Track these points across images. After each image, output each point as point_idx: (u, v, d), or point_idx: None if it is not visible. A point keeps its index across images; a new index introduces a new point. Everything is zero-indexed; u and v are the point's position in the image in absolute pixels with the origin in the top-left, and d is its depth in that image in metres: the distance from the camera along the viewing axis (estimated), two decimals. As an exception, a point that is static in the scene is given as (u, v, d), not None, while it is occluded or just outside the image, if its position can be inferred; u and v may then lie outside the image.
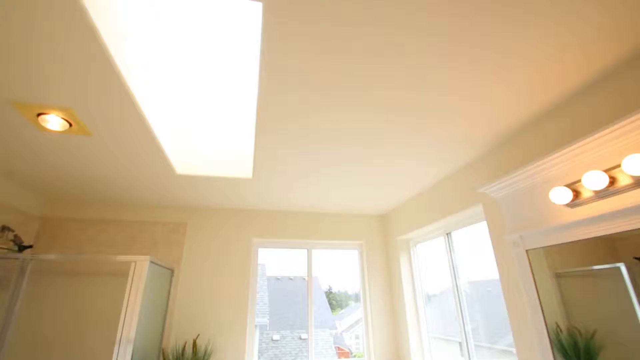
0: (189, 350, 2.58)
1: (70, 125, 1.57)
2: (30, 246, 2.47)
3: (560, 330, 1.46)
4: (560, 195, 1.37)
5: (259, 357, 3.61)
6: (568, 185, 1.38)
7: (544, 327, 1.50)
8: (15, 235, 2.35)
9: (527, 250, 1.62)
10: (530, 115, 1.65)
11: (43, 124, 1.54)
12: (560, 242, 1.45)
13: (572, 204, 1.38)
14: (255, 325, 2.99)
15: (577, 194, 1.35)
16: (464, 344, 2.28)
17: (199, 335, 2.69)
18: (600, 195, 1.28)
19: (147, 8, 1.29)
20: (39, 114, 1.49)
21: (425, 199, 2.69)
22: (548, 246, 1.52)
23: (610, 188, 1.24)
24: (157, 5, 1.30)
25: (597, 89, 1.43)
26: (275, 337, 5.15)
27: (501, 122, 1.70)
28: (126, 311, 1.98)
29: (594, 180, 1.23)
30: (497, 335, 2.25)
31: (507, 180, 1.66)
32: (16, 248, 2.35)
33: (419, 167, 2.29)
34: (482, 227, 2.25)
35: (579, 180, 1.35)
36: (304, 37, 1.16)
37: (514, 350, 2.16)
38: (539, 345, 1.52)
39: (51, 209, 2.83)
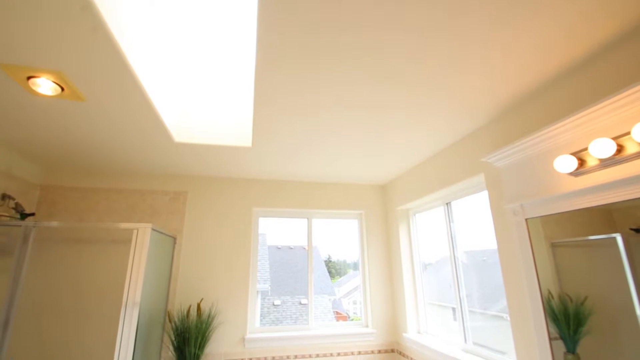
0: (193, 313, 2.69)
1: (63, 89, 1.52)
2: (33, 214, 2.49)
3: (552, 297, 1.51)
4: (565, 164, 1.35)
5: (261, 320, 3.79)
6: (574, 154, 1.36)
7: (539, 294, 1.54)
8: (17, 203, 2.37)
9: (526, 219, 1.63)
10: (535, 84, 1.61)
11: (34, 87, 1.49)
12: (560, 211, 1.45)
13: (575, 173, 1.37)
14: (257, 291, 3.10)
15: (581, 162, 1.34)
16: (458, 310, 2.37)
17: (202, 299, 2.79)
18: (604, 164, 1.27)
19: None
20: (29, 77, 1.44)
21: (426, 168, 2.68)
22: (547, 215, 1.53)
23: (617, 156, 1.22)
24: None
25: (606, 57, 1.39)
26: (277, 302, 5.36)
27: (504, 91, 1.67)
28: (130, 277, 2.04)
29: (601, 148, 1.21)
30: (489, 302, 2.34)
31: (512, 148, 1.64)
32: (18, 216, 2.37)
33: (420, 138, 2.26)
34: (482, 197, 2.26)
35: (585, 149, 1.32)
36: (304, 7, 1.12)
37: (504, 315, 2.25)
38: (532, 311, 1.58)
39: (51, 178, 2.83)
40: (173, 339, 2.52)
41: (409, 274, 3.02)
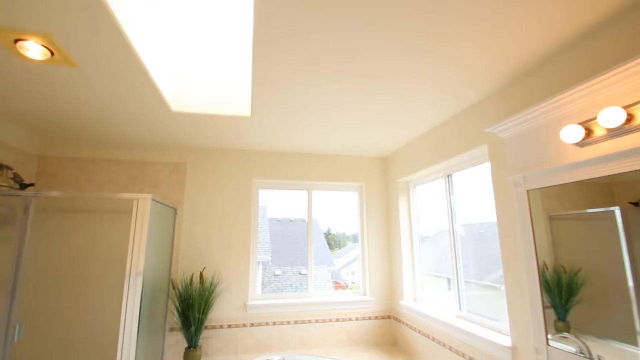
0: (196, 281, 2.76)
1: (52, 53, 1.46)
2: (32, 184, 2.49)
3: (546, 268, 1.55)
4: (572, 133, 1.33)
5: (262, 289, 3.92)
6: (581, 123, 1.34)
7: (535, 264, 1.58)
8: (15, 174, 2.36)
9: (527, 191, 1.63)
10: (539, 55, 1.57)
11: (22, 51, 1.43)
12: (563, 182, 1.45)
13: (581, 143, 1.35)
14: (258, 262, 3.17)
15: (589, 132, 1.31)
16: (454, 280, 2.43)
17: (204, 268, 2.86)
18: (612, 134, 1.24)
19: None
20: (16, 40, 1.37)
21: (428, 140, 2.65)
22: (549, 187, 1.53)
23: (626, 126, 1.19)
24: None
25: (614, 26, 1.34)
26: (277, 272, 5.52)
27: (507, 62, 1.63)
28: (133, 247, 2.07)
29: (611, 117, 1.18)
30: (484, 273, 2.40)
31: (518, 118, 1.61)
32: (17, 186, 2.37)
33: (422, 109, 2.21)
34: (483, 169, 2.25)
35: (594, 118, 1.29)
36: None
37: (497, 285, 2.32)
38: (527, 281, 1.61)
39: (48, 148, 2.80)
40: (177, 305, 2.61)
41: (407, 246, 3.08)
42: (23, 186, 2.40)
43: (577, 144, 1.37)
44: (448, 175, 2.59)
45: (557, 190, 1.51)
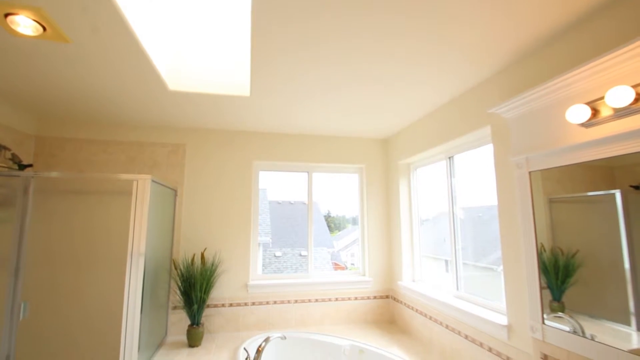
0: (197, 261, 2.80)
1: (45, 29, 1.42)
2: (30, 165, 2.48)
3: (544, 250, 1.57)
4: (578, 113, 1.31)
5: (263, 270, 3.98)
6: (588, 103, 1.31)
7: (535, 247, 1.59)
8: (13, 154, 2.34)
9: (530, 172, 1.62)
10: (544, 34, 1.53)
11: (13, 26, 1.38)
12: (566, 163, 1.44)
13: (587, 124, 1.32)
14: (259, 243, 3.21)
15: (595, 112, 1.29)
16: (452, 262, 2.47)
17: (205, 248, 2.90)
18: (619, 114, 1.22)
19: None
20: (6, 15, 1.33)
21: (430, 121, 2.62)
22: (551, 168, 1.52)
23: (633, 106, 1.17)
24: None
25: (622, 1, 1.29)
26: (278, 253, 5.60)
27: (511, 43, 1.60)
28: (134, 228, 2.08)
29: (619, 96, 1.16)
30: (481, 255, 2.44)
31: (524, 98, 1.58)
32: (16, 167, 2.36)
33: (424, 90, 2.18)
34: (484, 152, 2.24)
35: (601, 98, 1.27)
36: None
37: (494, 267, 2.36)
38: (526, 262, 1.63)
39: (46, 128, 2.77)
40: (179, 284, 2.66)
41: (406, 228, 3.10)
42: (22, 167, 2.39)
43: (582, 125, 1.35)
44: (449, 157, 2.57)
45: (558, 173, 1.51)
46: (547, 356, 1.53)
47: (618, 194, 1.28)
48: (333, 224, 6.05)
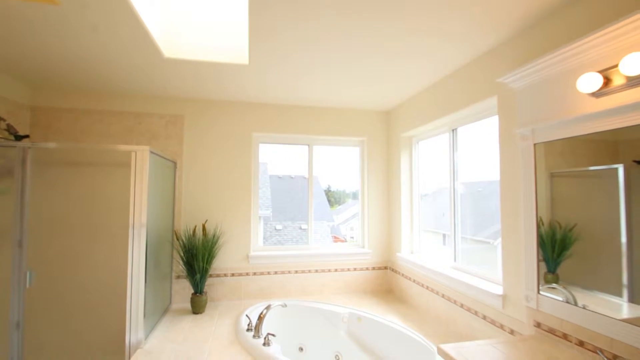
0: (199, 232, 2.84)
1: (30, -11, 1.35)
2: (27, 136, 2.44)
3: (542, 224, 1.58)
4: (590, 82, 1.27)
5: (263, 242, 4.05)
6: (600, 72, 1.26)
7: (535, 220, 1.60)
8: (9, 125, 2.30)
9: (534, 144, 1.60)
10: (553, 1, 1.46)
11: (-4, -14, 1.31)
12: (573, 134, 1.41)
13: (598, 93, 1.29)
14: (260, 217, 3.24)
15: (607, 81, 1.25)
16: (451, 235, 2.50)
17: (207, 220, 2.93)
18: (631, 83, 1.18)
19: None
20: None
21: (434, 92, 2.55)
22: (556, 140, 1.49)
23: (647, 74, 1.13)
24: None
25: None
26: (278, 227, 5.68)
27: (518, 10, 1.53)
28: (134, 199, 2.09)
29: (634, 63, 1.12)
30: (478, 229, 2.47)
31: (533, 66, 1.52)
32: (12, 137, 2.34)
33: (428, 61, 2.11)
34: (488, 124, 2.20)
35: (614, 66, 1.22)
36: None
37: (491, 241, 2.40)
38: (524, 235, 1.65)
39: (41, 98, 2.71)
40: (182, 255, 2.71)
41: (406, 201, 3.11)
42: (18, 137, 2.36)
43: (593, 94, 1.31)
44: (453, 130, 2.53)
45: (561, 147, 1.49)
46: (540, 324, 1.59)
47: (621, 169, 1.28)
48: (333, 199, 6.08)
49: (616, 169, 1.29)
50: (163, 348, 2.07)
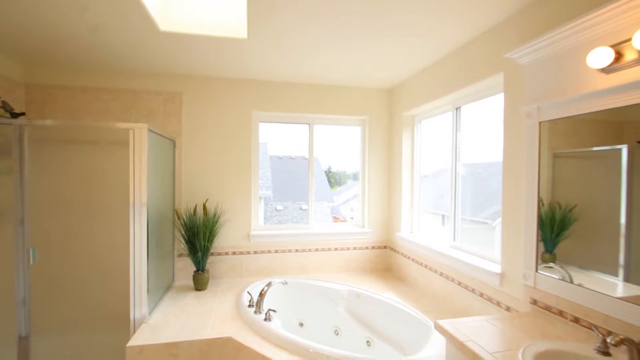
0: (199, 211, 2.86)
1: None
2: (23, 113, 2.41)
3: (542, 204, 1.59)
4: (601, 57, 1.23)
5: (264, 222, 4.10)
6: (612, 46, 1.22)
7: (536, 199, 1.60)
8: (4, 102, 2.26)
9: (540, 123, 1.57)
10: None
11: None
12: (579, 112, 1.38)
13: (608, 69, 1.25)
14: (260, 197, 3.25)
15: (619, 56, 1.21)
16: (451, 215, 2.51)
17: (207, 199, 2.94)
18: None
19: None
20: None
21: (438, 69, 2.48)
22: (562, 119, 1.47)
23: (661, 49, 1.09)
24: None
25: None
26: (279, 207, 5.72)
27: None
28: (134, 178, 2.08)
29: None
30: (477, 210, 2.49)
31: (544, 40, 1.47)
32: (8, 115, 2.30)
33: (433, 35, 2.04)
34: (492, 103, 2.16)
35: (627, 40, 1.18)
36: None
37: (489, 221, 2.42)
38: (525, 215, 1.65)
39: (35, 75, 2.65)
40: (183, 233, 2.74)
41: (407, 181, 3.11)
42: (14, 115, 2.32)
43: (603, 70, 1.27)
44: (457, 108, 2.48)
45: (565, 127, 1.48)
46: (536, 301, 1.62)
47: (624, 150, 1.27)
48: (333, 179, 6.10)
49: (620, 149, 1.28)
50: (167, 322, 2.13)
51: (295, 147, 3.38)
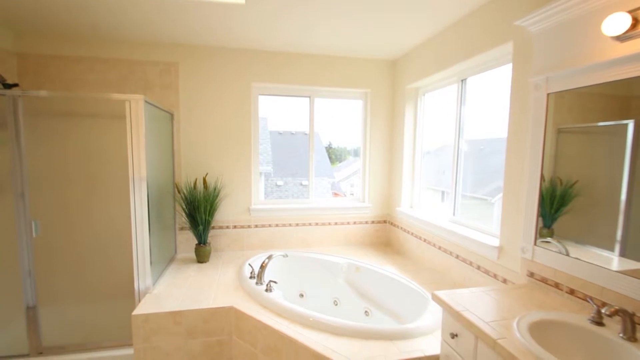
0: (200, 185, 2.86)
1: None
2: (16, 84, 2.34)
3: (544, 180, 1.58)
4: (617, 23, 1.17)
5: (265, 197, 4.11)
6: (630, 12, 1.16)
7: (539, 174, 1.58)
8: (-5, 71, 2.20)
9: (548, 94, 1.53)
10: None
11: None
12: (590, 83, 1.34)
13: (624, 36, 1.19)
14: (260, 173, 3.24)
15: (635, 22, 1.15)
16: (452, 191, 2.52)
17: (207, 173, 2.93)
18: None
19: None
20: None
21: (445, 38, 2.39)
22: (572, 89, 1.43)
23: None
24: None
25: None
26: (279, 182, 5.74)
27: None
28: (132, 151, 2.05)
29: None
30: (477, 187, 2.48)
31: (558, 6, 1.41)
32: (0, 86, 2.23)
33: (439, 2, 1.94)
34: (498, 77, 2.10)
35: None
36: None
37: (488, 198, 2.42)
38: (528, 189, 1.64)
39: (27, 45, 2.55)
40: (184, 207, 2.75)
41: (409, 157, 3.09)
42: (7, 86, 2.26)
43: (618, 37, 1.22)
44: (462, 80, 2.41)
45: (571, 102, 1.45)
46: (533, 273, 1.65)
47: (631, 125, 1.25)
48: (334, 155, 6.07)
49: (626, 125, 1.26)
50: (170, 293, 2.19)
51: (296, 122, 3.33)
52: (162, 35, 2.57)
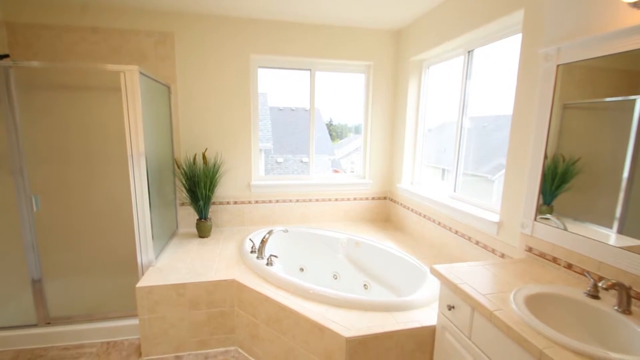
0: (199, 161, 2.84)
1: None
2: (7, 55, 2.26)
3: (546, 157, 1.56)
4: None
5: (265, 174, 4.10)
6: None
7: (543, 150, 1.56)
8: (-16, 41, 2.11)
9: (557, 66, 1.48)
10: None
11: None
12: (603, 54, 1.28)
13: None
14: (260, 149, 3.20)
15: None
16: (453, 168, 2.50)
17: (207, 149, 2.90)
18: None
19: None
20: None
21: (451, 5, 2.29)
22: (583, 60, 1.38)
23: None
24: None
25: None
26: (279, 159, 5.71)
27: None
28: (129, 125, 2.01)
29: None
30: (478, 165, 2.47)
31: None
32: (-9, 56, 2.16)
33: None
34: (507, 48, 2.03)
35: None
36: None
37: (488, 176, 2.42)
38: (531, 165, 1.62)
39: (14, 13, 2.44)
40: (184, 182, 2.75)
41: (411, 134, 3.04)
42: (-3, 56, 2.19)
43: (635, 4, 1.16)
44: (469, 52, 2.32)
45: (579, 76, 1.41)
46: (531, 248, 1.67)
47: (639, 100, 1.22)
48: (335, 132, 6.01)
49: (634, 100, 1.23)
50: (173, 266, 2.22)
51: (296, 98, 3.26)
52: (156, 3, 2.45)
